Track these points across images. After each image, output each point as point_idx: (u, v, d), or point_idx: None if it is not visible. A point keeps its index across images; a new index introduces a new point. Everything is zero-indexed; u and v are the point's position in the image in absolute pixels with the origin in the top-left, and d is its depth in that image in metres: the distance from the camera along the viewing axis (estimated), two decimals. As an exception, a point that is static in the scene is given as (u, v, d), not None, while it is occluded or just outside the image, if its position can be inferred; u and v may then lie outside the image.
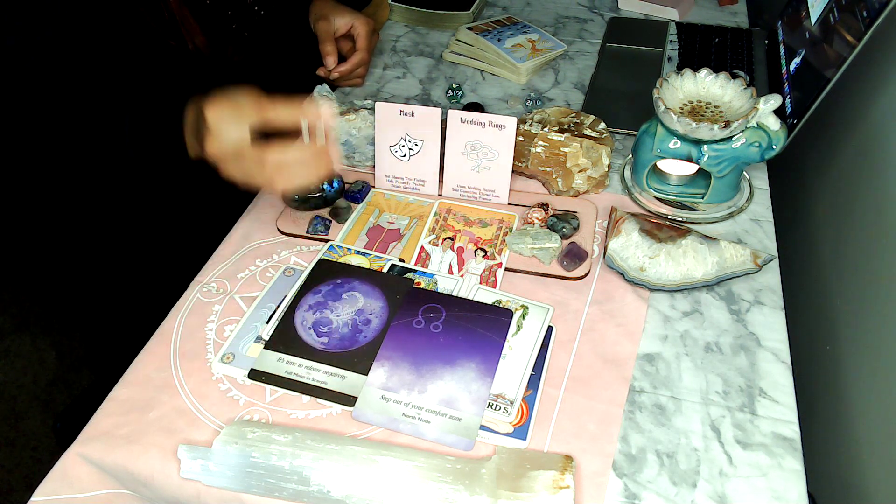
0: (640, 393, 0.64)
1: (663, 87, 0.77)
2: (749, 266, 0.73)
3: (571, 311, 0.71)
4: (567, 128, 0.84)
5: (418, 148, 0.82)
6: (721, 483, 0.57)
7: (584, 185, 0.82)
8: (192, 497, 0.57)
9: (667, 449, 0.59)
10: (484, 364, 0.64)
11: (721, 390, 0.64)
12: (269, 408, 0.62)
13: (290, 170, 0.63)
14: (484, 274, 0.74)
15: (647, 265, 0.72)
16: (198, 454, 0.57)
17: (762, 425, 0.61)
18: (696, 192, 0.82)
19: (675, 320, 0.70)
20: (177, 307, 0.71)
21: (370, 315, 0.69)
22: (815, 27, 0.90)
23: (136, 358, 0.66)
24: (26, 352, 1.55)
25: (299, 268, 0.75)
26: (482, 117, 0.78)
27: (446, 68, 1.08)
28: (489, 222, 0.81)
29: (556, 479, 0.55)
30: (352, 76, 1.00)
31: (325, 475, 0.56)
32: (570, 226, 0.77)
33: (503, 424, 0.60)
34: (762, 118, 0.74)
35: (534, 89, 1.03)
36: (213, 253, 0.77)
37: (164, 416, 0.61)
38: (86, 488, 0.59)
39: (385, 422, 0.60)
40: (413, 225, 0.80)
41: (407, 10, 1.19)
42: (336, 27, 0.95)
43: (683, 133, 0.75)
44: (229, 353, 0.66)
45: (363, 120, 0.85)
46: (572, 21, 1.20)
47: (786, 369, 0.65)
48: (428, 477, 0.56)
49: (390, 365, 0.64)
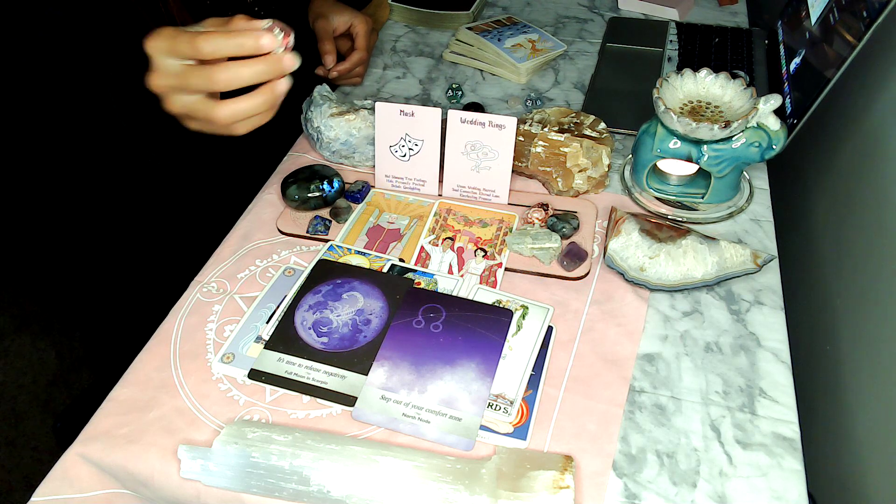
0: (640, 393, 0.64)
1: (663, 87, 0.77)
2: (749, 266, 0.73)
3: (571, 311, 0.71)
4: (567, 128, 0.84)
5: (418, 148, 0.82)
6: (721, 483, 0.57)
7: (584, 185, 0.82)
8: (192, 497, 0.57)
9: (667, 449, 0.59)
10: (484, 364, 0.64)
11: (721, 390, 0.64)
12: (269, 408, 0.62)
13: (246, 120, 0.59)
14: (484, 274, 0.74)
15: (647, 265, 0.72)
16: (198, 454, 0.57)
17: (762, 425, 0.61)
18: (696, 192, 0.82)
19: (675, 320, 0.70)
20: (177, 307, 0.71)
21: (370, 315, 0.69)
22: (815, 27, 0.90)
23: (136, 358, 0.66)
24: (26, 352, 1.55)
25: (299, 268, 0.75)
26: (482, 117, 0.78)
27: (446, 68, 1.08)
28: (489, 222, 0.81)
29: (556, 479, 0.55)
30: (350, 75, 1.00)
31: (325, 475, 0.56)
32: (570, 226, 0.77)
33: (503, 424, 0.60)
34: (762, 118, 0.74)
35: (534, 89, 1.03)
36: (213, 253, 0.77)
37: (164, 416, 0.61)
38: (86, 488, 0.59)
39: (385, 422, 0.60)
40: (413, 225, 0.80)
41: (407, 10, 1.19)
42: (335, 26, 0.95)
43: (683, 133, 0.75)
44: (229, 353, 0.66)
45: (363, 120, 0.85)
46: (572, 21, 1.20)
47: (786, 369, 0.65)
48: (428, 477, 0.56)
49: (390, 365, 0.64)
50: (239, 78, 0.55)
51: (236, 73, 0.55)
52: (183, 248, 0.83)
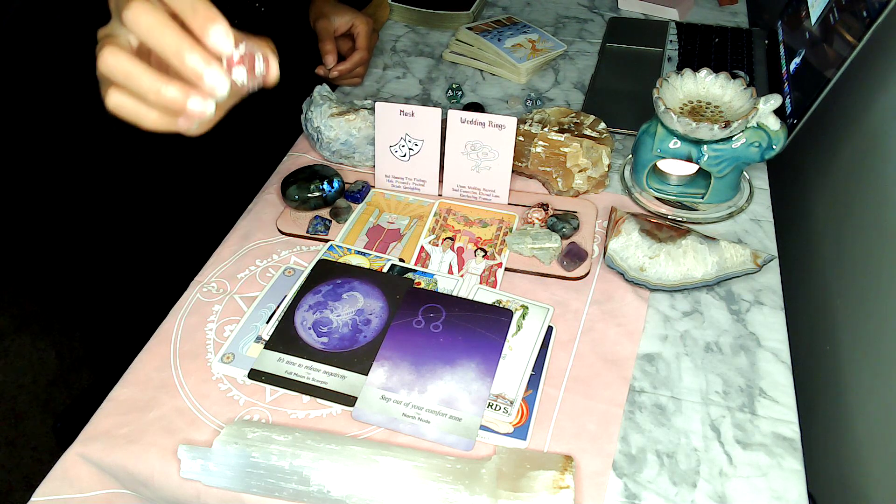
0: (640, 393, 0.64)
1: (663, 87, 0.77)
2: (749, 266, 0.73)
3: (571, 311, 0.71)
4: (567, 128, 0.84)
5: (418, 148, 0.82)
6: (721, 483, 0.57)
7: (584, 185, 0.82)
8: (192, 497, 0.57)
9: (667, 449, 0.59)
10: (484, 364, 0.64)
11: (721, 390, 0.64)
12: (269, 408, 0.62)
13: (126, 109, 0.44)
14: (484, 274, 0.74)
15: (647, 265, 0.72)
16: (198, 454, 0.57)
17: (762, 425, 0.61)
18: (696, 192, 0.82)
19: (675, 320, 0.70)
20: (177, 307, 0.71)
21: (370, 315, 0.69)
22: (815, 27, 0.90)
23: (136, 358, 0.66)
24: (26, 352, 1.55)
25: (299, 268, 0.75)
26: (482, 117, 0.78)
27: (446, 68, 1.08)
28: (489, 222, 0.81)
29: (556, 479, 0.55)
30: (351, 75, 1.00)
31: (325, 475, 0.56)
32: (570, 226, 0.77)
33: (503, 424, 0.60)
34: (762, 118, 0.74)
35: (534, 89, 1.03)
36: (213, 253, 0.77)
37: (164, 416, 0.61)
38: (86, 488, 0.59)
39: (385, 422, 0.60)
40: (413, 225, 0.80)
41: (407, 10, 1.18)
42: (336, 26, 0.96)
43: (683, 133, 0.75)
44: (229, 353, 0.66)
45: (363, 120, 0.85)
46: (572, 21, 1.20)
47: (786, 369, 0.65)
48: (428, 477, 0.56)
49: (390, 365, 0.64)
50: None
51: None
52: (183, 248, 0.83)
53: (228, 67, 0.41)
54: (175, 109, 0.42)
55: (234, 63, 0.41)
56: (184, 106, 0.41)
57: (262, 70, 0.43)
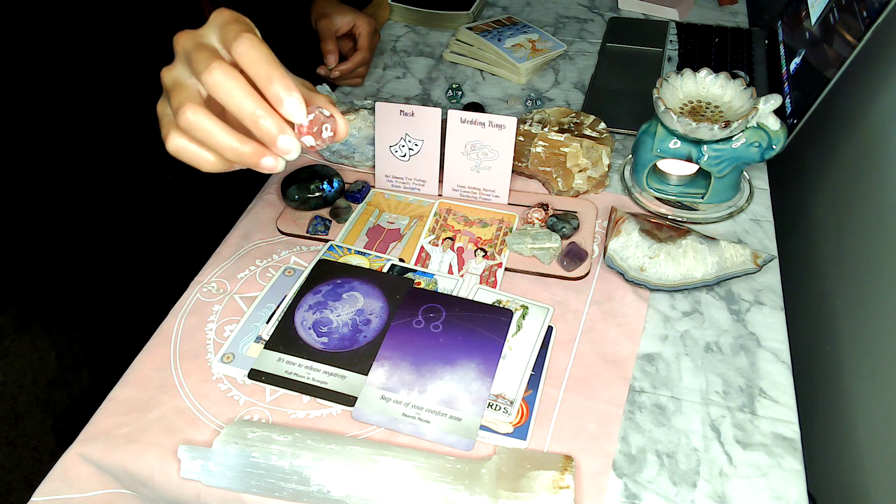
0: (640, 393, 0.64)
1: (663, 87, 0.77)
2: (749, 266, 0.73)
3: (571, 311, 0.71)
4: (567, 128, 0.84)
5: (418, 148, 0.82)
6: (721, 483, 0.57)
7: (584, 185, 0.82)
8: (192, 497, 0.57)
9: (667, 449, 0.59)
10: (484, 364, 0.64)
11: (721, 390, 0.64)
12: (269, 408, 0.62)
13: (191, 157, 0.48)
14: (484, 274, 0.74)
15: (647, 265, 0.72)
16: (198, 454, 0.57)
17: (762, 425, 0.61)
18: (696, 192, 0.82)
19: (675, 320, 0.70)
20: (177, 307, 0.71)
21: (370, 315, 0.69)
22: (815, 27, 0.90)
23: (136, 358, 0.66)
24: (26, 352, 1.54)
25: (299, 268, 0.75)
26: (482, 117, 0.78)
27: (446, 68, 1.08)
28: (489, 222, 0.81)
29: (556, 479, 0.55)
30: (352, 75, 1.00)
31: (325, 475, 0.56)
32: (570, 226, 0.77)
33: (503, 424, 0.60)
34: (762, 118, 0.74)
35: (534, 89, 1.03)
36: (213, 253, 0.77)
37: (164, 416, 0.61)
38: (86, 488, 0.59)
39: (385, 422, 0.60)
40: (413, 225, 0.80)
41: (407, 10, 1.19)
42: (337, 26, 0.96)
43: (683, 133, 0.75)
44: (229, 353, 0.66)
45: (363, 120, 0.85)
46: (572, 21, 1.20)
47: (786, 369, 0.65)
48: (428, 477, 0.56)
49: (390, 365, 0.64)
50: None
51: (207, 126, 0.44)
52: (183, 248, 0.83)
53: (299, 133, 0.45)
54: (247, 165, 0.45)
55: (304, 132, 0.45)
56: (258, 163, 0.45)
57: (328, 135, 0.47)
